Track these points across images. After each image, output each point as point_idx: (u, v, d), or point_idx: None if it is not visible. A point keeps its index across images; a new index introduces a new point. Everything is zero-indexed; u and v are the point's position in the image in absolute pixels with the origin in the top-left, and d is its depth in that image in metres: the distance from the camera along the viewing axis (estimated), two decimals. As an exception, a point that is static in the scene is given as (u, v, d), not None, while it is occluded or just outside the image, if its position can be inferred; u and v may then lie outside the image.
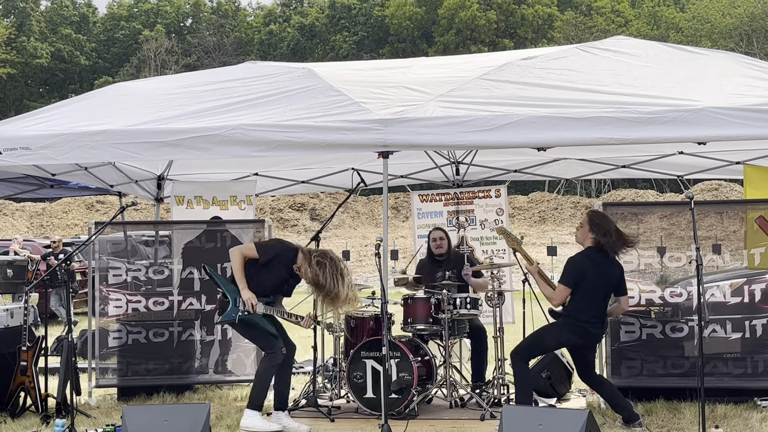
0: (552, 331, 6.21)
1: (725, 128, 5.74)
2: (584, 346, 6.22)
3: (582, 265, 6.10)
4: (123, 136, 6.45)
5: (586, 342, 6.17)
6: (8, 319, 7.26)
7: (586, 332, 6.08)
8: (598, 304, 6.11)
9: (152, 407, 6.14)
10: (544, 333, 6.24)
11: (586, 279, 6.05)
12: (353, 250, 30.00)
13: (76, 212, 37.05)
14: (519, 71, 6.73)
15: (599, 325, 6.13)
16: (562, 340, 6.22)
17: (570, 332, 6.11)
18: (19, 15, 58.71)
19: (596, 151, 8.39)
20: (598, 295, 6.09)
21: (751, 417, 6.37)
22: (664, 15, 57.78)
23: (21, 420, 6.81)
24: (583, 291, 6.06)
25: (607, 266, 6.13)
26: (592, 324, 6.07)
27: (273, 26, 63.54)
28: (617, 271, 6.21)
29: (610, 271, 6.14)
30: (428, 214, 9.22)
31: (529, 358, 6.27)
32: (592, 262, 6.09)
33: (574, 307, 6.09)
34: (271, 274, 6.38)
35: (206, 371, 7.84)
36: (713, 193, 33.14)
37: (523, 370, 6.15)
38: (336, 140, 6.11)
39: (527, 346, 6.29)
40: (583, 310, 6.06)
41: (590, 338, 6.16)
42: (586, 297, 6.06)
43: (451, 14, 55.86)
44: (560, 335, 6.16)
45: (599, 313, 6.11)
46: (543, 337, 6.22)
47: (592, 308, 6.07)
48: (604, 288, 6.12)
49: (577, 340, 6.14)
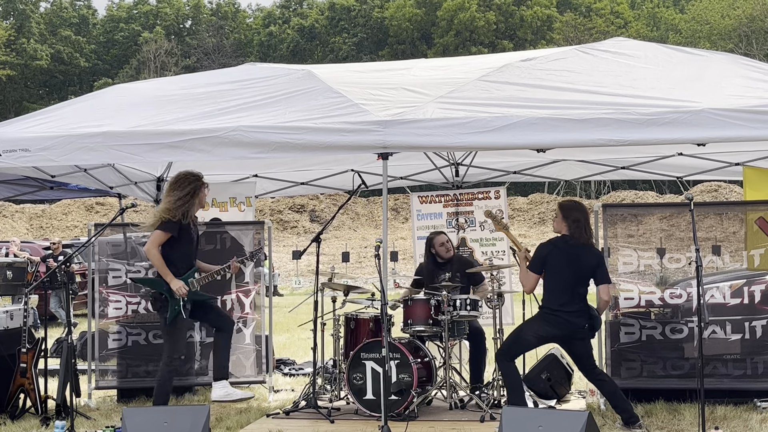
0: (529, 326, 6.24)
1: (725, 129, 5.73)
2: (569, 338, 6.15)
3: (544, 251, 6.16)
4: (122, 137, 6.44)
5: (565, 333, 6.10)
6: (8, 321, 7.26)
7: (561, 321, 6.03)
8: (569, 291, 6.06)
9: (152, 409, 6.13)
10: (522, 329, 6.27)
11: (549, 265, 6.09)
12: (353, 252, 30.03)
13: (76, 214, 37.06)
14: (518, 73, 6.73)
15: (577, 314, 6.04)
16: (540, 333, 6.14)
17: (545, 323, 6.09)
18: (19, 17, 58.74)
19: (596, 153, 8.38)
20: (567, 281, 6.06)
21: (750, 418, 6.37)
22: (664, 16, 57.82)
23: (21, 422, 6.81)
24: (550, 278, 6.09)
25: (577, 253, 6.09)
26: (567, 313, 6.02)
27: (272, 28, 63.59)
28: (593, 259, 6.15)
29: (580, 255, 6.10)
30: (428, 216, 9.22)
31: (513, 357, 6.24)
32: (557, 249, 6.12)
33: (545, 297, 6.13)
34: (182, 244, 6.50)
35: (206, 373, 7.83)
36: (713, 195, 33.17)
37: (509, 369, 6.16)
38: (335, 142, 6.11)
39: (508, 344, 6.32)
40: (552, 298, 6.08)
41: (569, 328, 6.06)
42: (553, 283, 6.08)
43: (450, 16, 55.90)
44: (537, 328, 6.15)
45: (573, 301, 6.05)
46: (521, 333, 6.24)
47: (562, 295, 6.05)
48: (573, 275, 6.07)
49: (554, 330, 6.09)
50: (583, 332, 6.12)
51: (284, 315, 13.50)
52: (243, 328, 7.92)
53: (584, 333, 6.14)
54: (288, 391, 8.18)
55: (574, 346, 6.23)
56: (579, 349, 6.20)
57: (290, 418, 6.77)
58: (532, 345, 6.39)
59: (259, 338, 7.92)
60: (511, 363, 6.20)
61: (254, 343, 7.91)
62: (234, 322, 6.73)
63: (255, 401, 7.70)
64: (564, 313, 6.04)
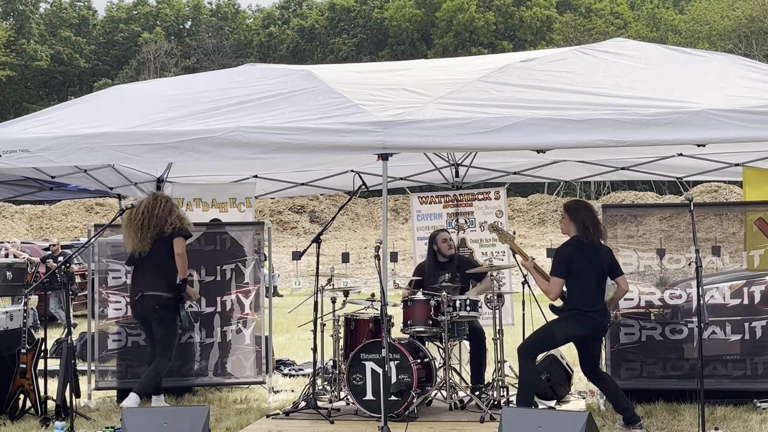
0: (560, 326, 6.18)
1: (724, 130, 5.73)
2: (592, 338, 6.18)
3: (566, 253, 6.15)
4: (122, 138, 6.45)
5: (594, 333, 6.13)
6: (8, 322, 7.26)
7: (593, 322, 6.06)
8: (594, 290, 6.08)
9: (152, 409, 6.14)
10: (552, 328, 6.22)
11: (574, 266, 6.08)
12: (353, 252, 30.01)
13: (76, 214, 37.05)
14: (518, 73, 6.73)
15: (603, 313, 6.11)
16: (570, 333, 6.13)
17: (578, 324, 6.08)
18: (19, 17, 58.74)
19: (595, 153, 8.39)
20: (591, 280, 6.08)
21: (750, 419, 6.37)
22: (663, 17, 57.82)
23: (20, 422, 6.81)
24: (576, 279, 6.08)
25: (593, 251, 6.13)
26: (597, 312, 6.06)
27: (272, 28, 63.58)
28: (606, 255, 6.21)
29: (597, 255, 6.13)
30: (428, 216, 9.22)
31: (537, 355, 6.28)
32: (576, 249, 6.13)
33: (574, 298, 6.10)
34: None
35: (206, 374, 7.84)
36: (713, 195, 33.16)
37: (529, 367, 6.14)
38: (335, 142, 6.11)
39: (535, 342, 6.28)
40: (582, 299, 6.06)
41: (598, 328, 6.11)
42: (580, 284, 6.07)
43: (449, 16, 55.90)
44: (567, 328, 6.12)
45: (599, 300, 6.09)
46: (551, 332, 6.19)
47: (590, 295, 6.06)
48: (595, 272, 6.09)
49: (585, 331, 6.10)
50: (605, 331, 6.24)
51: (284, 316, 13.50)
52: (243, 328, 7.92)
53: (605, 332, 6.27)
54: (288, 392, 8.18)
55: (591, 346, 6.24)
56: (595, 348, 6.25)
57: (290, 418, 6.77)
58: (559, 344, 6.48)
59: (259, 339, 7.92)
60: (532, 361, 6.21)
61: (254, 343, 7.91)
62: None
63: (255, 402, 7.71)
64: (594, 313, 6.07)
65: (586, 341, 6.23)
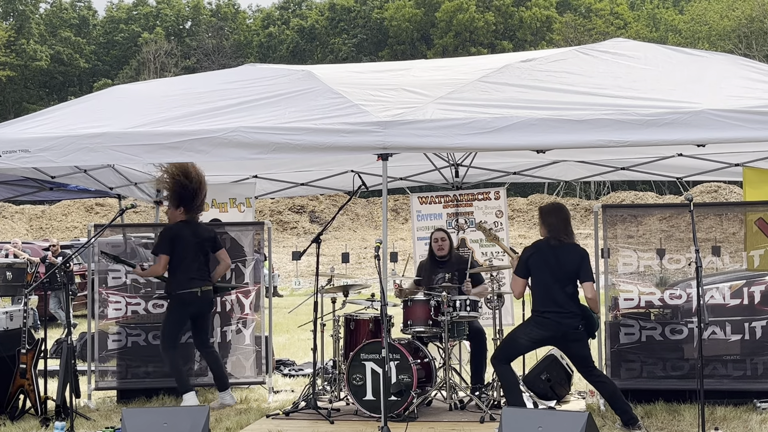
0: (522, 329, 6.25)
1: (724, 130, 5.73)
2: (563, 340, 6.14)
3: (526, 254, 6.20)
4: (122, 138, 6.45)
5: (557, 335, 6.07)
6: (8, 322, 7.26)
7: (551, 323, 6.02)
8: (553, 291, 6.04)
9: (151, 410, 6.14)
10: (515, 332, 6.28)
11: (532, 267, 6.11)
12: (352, 252, 30.00)
13: (76, 215, 37.06)
14: (518, 74, 6.73)
15: (567, 315, 6.01)
16: (533, 336, 6.13)
17: (536, 326, 6.10)
18: (19, 17, 58.73)
19: (595, 153, 8.39)
20: (549, 282, 6.06)
21: (750, 419, 6.37)
22: (663, 17, 57.82)
23: (20, 423, 6.81)
24: (535, 280, 6.12)
25: (556, 254, 6.08)
26: (556, 314, 6.01)
27: (272, 29, 63.58)
28: (575, 258, 6.11)
29: (560, 258, 6.08)
30: (427, 217, 9.22)
31: (508, 360, 6.22)
32: (538, 250, 6.15)
33: (533, 300, 6.14)
34: (187, 252, 7.29)
35: (206, 374, 7.83)
36: (713, 195, 33.17)
37: (504, 371, 6.17)
38: (335, 142, 6.11)
39: (503, 348, 6.33)
40: (539, 300, 6.09)
41: (560, 330, 6.03)
42: (538, 286, 6.10)
43: (449, 17, 55.90)
44: (529, 331, 6.15)
45: (559, 302, 6.02)
46: (515, 336, 6.25)
47: (547, 296, 6.05)
48: (554, 275, 6.05)
49: (545, 332, 6.07)
50: (576, 334, 6.07)
51: (284, 316, 13.50)
52: (243, 328, 7.92)
53: (578, 335, 6.08)
54: (288, 392, 8.18)
55: (570, 348, 6.23)
56: (576, 350, 6.17)
57: (290, 418, 6.77)
58: (526, 348, 6.38)
59: (259, 339, 7.92)
60: (507, 365, 6.19)
61: (254, 343, 7.91)
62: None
63: (255, 402, 7.71)
64: (552, 314, 6.03)
65: (561, 343, 6.25)
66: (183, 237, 7.25)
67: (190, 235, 7.29)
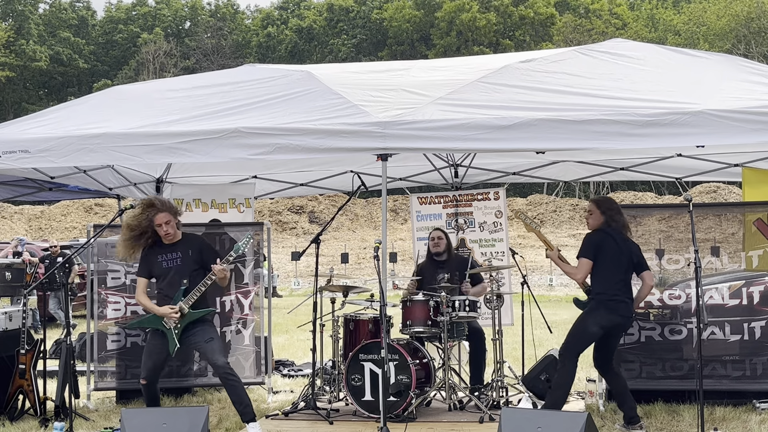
0: (592, 317, 6.09)
1: (724, 132, 5.72)
2: (619, 328, 6.18)
3: (597, 238, 6.19)
4: (122, 139, 6.44)
5: (623, 322, 6.12)
6: (7, 322, 7.26)
7: (623, 307, 6.06)
8: (622, 277, 6.11)
9: (151, 410, 6.13)
10: (584, 323, 6.13)
11: (603, 251, 6.11)
12: (352, 253, 30.01)
13: (75, 215, 37.07)
14: (518, 74, 6.72)
15: (631, 302, 6.13)
16: (604, 323, 6.05)
17: (609, 311, 6.05)
18: (18, 18, 58.74)
19: (595, 154, 8.38)
20: (620, 266, 6.10)
21: (749, 419, 6.38)
22: (662, 17, 57.85)
23: (20, 423, 6.81)
24: (604, 264, 6.09)
25: (626, 241, 6.22)
26: (627, 298, 6.08)
27: (271, 29, 63.59)
28: (635, 247, 6.28)
29: (627, 244, 6.20)
30: (427, 217, 9.22)
31: (578, 354, 6.13)
32: (608, 236, 6.17)
33: (602, 285, 6.10)
34: (161, 272, 6.35)
35: (205, 374, 7.84)
36: (712, 196, 33.21)
37: (573, 368, 6.08)
38: (335, 143, 6.10)
39: (574, 342, 6.15)
40: (610, 285, 6.07)
41: (627, 316, 6.11)
42: (608, 271, 6.08)
43: (450, 17, 55.91)
44: (600, 318, 6.06)
45: (626, 288, 6.11)
46: (584, 327, 6.11)
47: (618, 282, 6.08)
48: (624, 260, 6.12)
49: (616, 318, 6.06)
50: (631, 321, 6.25)
51: (283, 316, 13.50)
52: (242, 329, 7.93)
53: (631, 324, 6.28)
54: (287, 393, 8.18)
55: (614, 338, 6.25)
56: (615, 341, 6.27)
57: (289, 419, 6.77)
58: (597, 336, 6.16)
59: (258, 339, 7.92)
60: (575, 365, 6.10)
61: (253, 344, 7.91)
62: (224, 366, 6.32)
63: (254, 402, 7.69)
64: (625, 299, 6.09)
65: (613, 332, 6.17)
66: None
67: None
